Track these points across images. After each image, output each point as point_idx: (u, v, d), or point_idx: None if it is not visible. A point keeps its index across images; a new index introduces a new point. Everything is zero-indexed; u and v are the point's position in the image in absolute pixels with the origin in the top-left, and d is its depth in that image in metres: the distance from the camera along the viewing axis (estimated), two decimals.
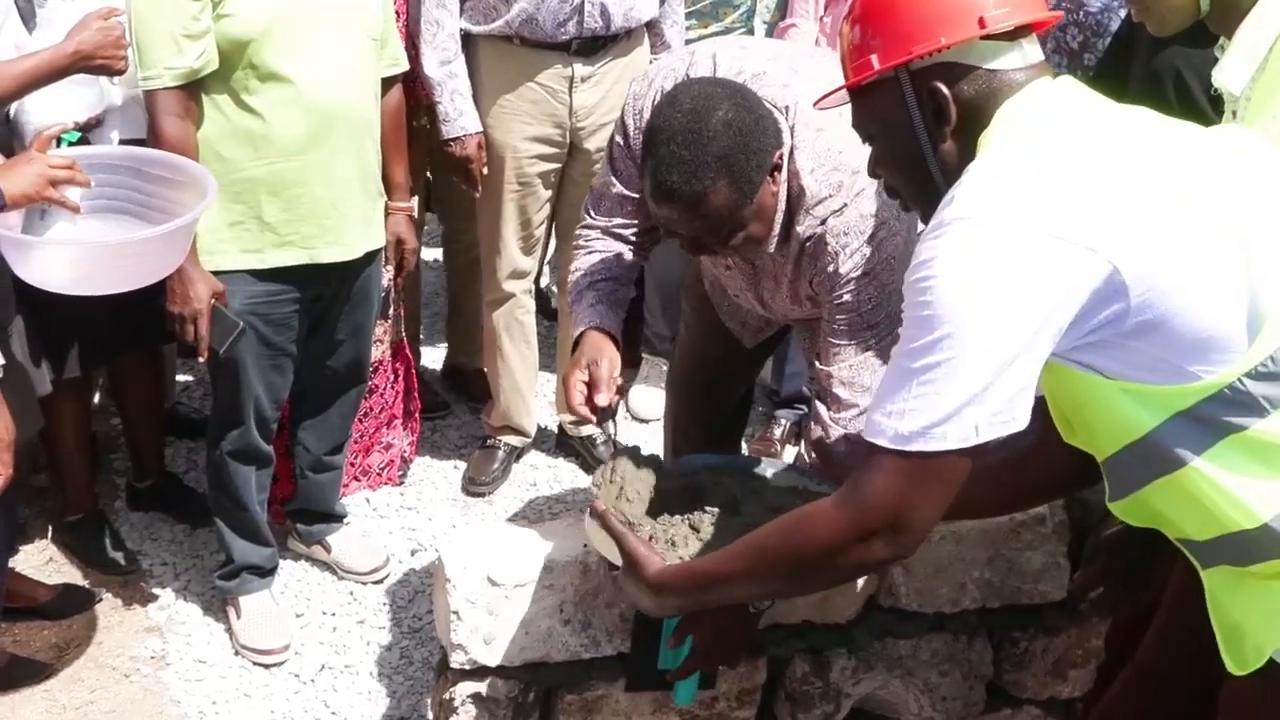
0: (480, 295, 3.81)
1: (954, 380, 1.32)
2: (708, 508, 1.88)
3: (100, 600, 3.00)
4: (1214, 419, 1.39)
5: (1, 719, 2.61)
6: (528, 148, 3.18)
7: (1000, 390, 1.33)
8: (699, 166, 1.89)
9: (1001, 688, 2.38)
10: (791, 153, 2.02)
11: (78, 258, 2.27)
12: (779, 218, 2.05)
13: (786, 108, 2.04)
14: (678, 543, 1.80)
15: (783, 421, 3.82)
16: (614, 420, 2.16)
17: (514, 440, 3.59)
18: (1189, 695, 1.73)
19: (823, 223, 2.03)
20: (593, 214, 2.35)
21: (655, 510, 1.91)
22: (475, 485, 3.53)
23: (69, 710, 2.70)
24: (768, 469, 2.03)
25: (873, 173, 1.64)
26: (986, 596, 2.26)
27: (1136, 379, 1.39)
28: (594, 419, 2.14)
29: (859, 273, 2.04)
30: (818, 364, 2.18)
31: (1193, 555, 1.53)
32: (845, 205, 2.02)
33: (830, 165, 2.02)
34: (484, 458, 3.58)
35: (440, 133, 3.17)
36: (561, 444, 3.75)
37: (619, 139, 2.27)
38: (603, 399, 2.10)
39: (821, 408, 2.16)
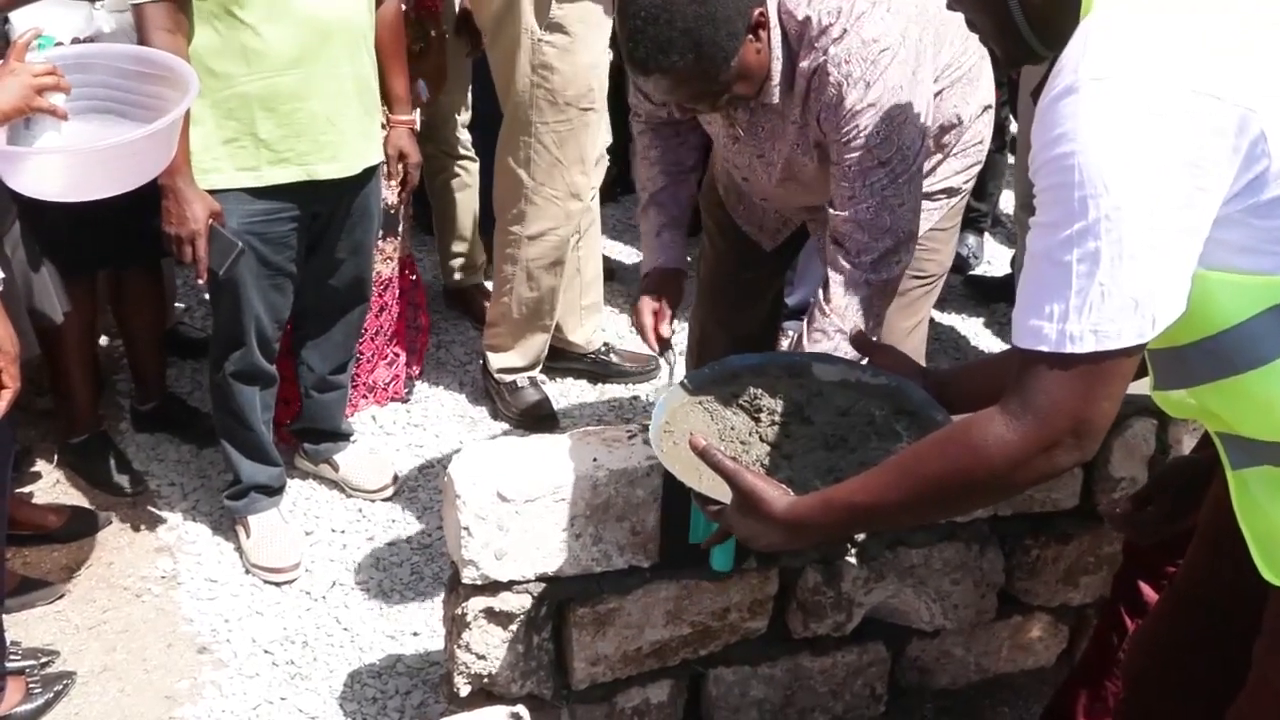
0: (463, 213, 3.81)
1: (1121, 268, 1.18)
2: (775, 417, 1.78)
3: (109, 522, 3.01)
4: None
5: (15, 639, 2.62)
6: None
7: (1172, 271, 1.20)
8: (665, 42, 1.88)
9: (1013, 595, 2.40)
10: None
11: (70, 164, 2.22)
12: (777, 67, 2.01)
13: None
14: (767, 466, 1.69)
15: (790, 332, 3.78)
16: (673, 350, 2.38)
17: None
18: (1229, 619, 1.65)
19: (825, 53, 1.98)
20: (634, 101, 2.39)
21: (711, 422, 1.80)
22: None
23: (82, 630, 2.71)
24: (811, 364, 1.92)
25: (951, 5, 1.51)
26: (998, 504, 2.26)
27: (1241, 267, 1.26)
28: (657, 349, 2.36)
29: (864, 104, 1.98)
30: (831, 210, 2.10)
31: (1231, 451, 1.44)
32: (845, 31, 1.96)
33: None
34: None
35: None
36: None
37: None
38: (665, 329, 2.36)
39: (838, 252, 2.09)
